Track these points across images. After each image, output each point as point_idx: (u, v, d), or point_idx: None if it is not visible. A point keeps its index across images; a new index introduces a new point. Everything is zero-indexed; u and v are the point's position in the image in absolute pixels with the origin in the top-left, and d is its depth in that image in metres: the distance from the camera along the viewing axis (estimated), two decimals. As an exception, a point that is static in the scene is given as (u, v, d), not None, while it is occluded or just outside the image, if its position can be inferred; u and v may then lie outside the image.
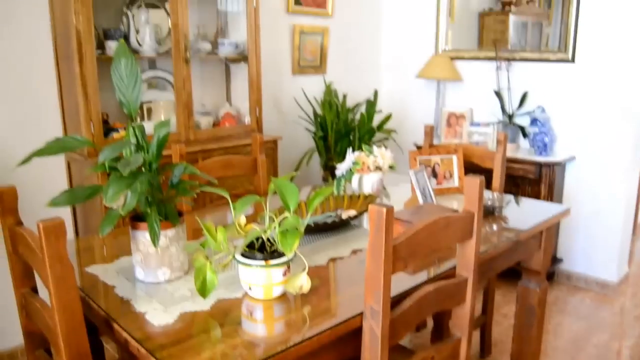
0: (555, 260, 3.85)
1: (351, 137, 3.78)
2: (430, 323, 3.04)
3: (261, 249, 1.48)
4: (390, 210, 1.28)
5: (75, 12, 2.54)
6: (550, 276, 3.83)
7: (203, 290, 1.38)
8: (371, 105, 3.90)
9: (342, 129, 3.77)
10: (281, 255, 1.45)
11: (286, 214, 1.48)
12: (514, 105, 3.97)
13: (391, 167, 2.56)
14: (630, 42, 3.43)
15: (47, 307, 1.35)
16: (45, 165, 2.79)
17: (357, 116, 3.93)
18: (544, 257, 2.31)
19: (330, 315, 1.41)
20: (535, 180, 3.61)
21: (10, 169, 2.58)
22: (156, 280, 1.56)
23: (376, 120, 3.97)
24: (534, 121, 3.79)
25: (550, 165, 3.57)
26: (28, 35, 2.75)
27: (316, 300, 1.49)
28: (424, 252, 1.48)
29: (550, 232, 2.31)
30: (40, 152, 1.42)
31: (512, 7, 4.02)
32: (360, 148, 2.59)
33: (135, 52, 2.94)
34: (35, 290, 1.57)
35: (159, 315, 1.38)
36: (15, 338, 2.83)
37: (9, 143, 2.70)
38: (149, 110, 3.12)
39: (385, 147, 2.69)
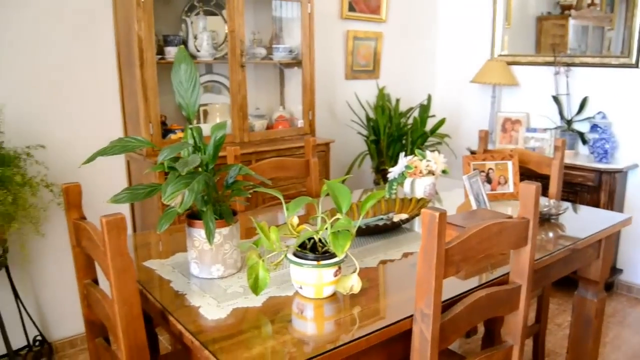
0: (614, 270, 3.71)
1: (404, 141, 3.77)
2: (481, 329, 2.98)
3: (313, 249, 1.50)
4: (443, 214, 1.28)
5: (138, 19, 2.65)
6: (609, 287, 3.70)
7: (255, 288, 1.41)
8: (424, 109, 3.87)
9: (394, 133, 3.76)
10: (332, 256, 1.47)
11: (338, 215, 1.50)
12: (573, 111, 3.85)
13: (444, 172, 2.53)
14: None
15: (107, 298, 1.41)
16: (107, 163, 2.91)
17: (410, 120, 3.91)
18: (602, 267, 2.23)
19: (379, 317, 1.41)
20: (594, 187, 3.49)
21: (75, 167, 2.71)
22: (210, 277, 1.60)
23: (429, 124, 3.93)
24: (594, 127, 3.67)
25: (611, 173, 3.45)
26: (94, 43, 2.88)
27: (366, 301, 1.49)
28: (476, 258, 1.46)
29: (609, 242, 2.24)
30: (103, 152, 1.49)
31: (572, 11, 3.90)
32: (412, 152, 2.58)
33: (193, 57, 3.03)
34: (96, 281, 1.64)
35: (213, 310, 1.42)
36: (75, 326, 2.97)
37: (75, 142, 2.84)
38: (205, 113, 3.21)
39: (439, 152, 2.67)
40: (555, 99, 3.89)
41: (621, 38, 3.63)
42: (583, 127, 3.79)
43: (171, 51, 2.91)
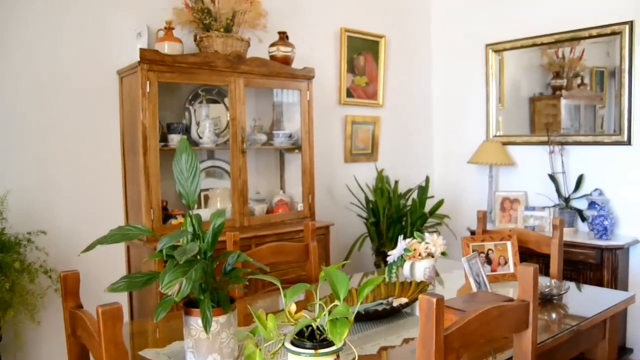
0: (624, 350, 3.61)
1: (403, 223, 3.78)
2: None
3: (311, 337, 1.48)
4: (440, 299, 1.27)
5: (143, 109, 2.75)
6: (621, 368, 3.59)
7: (252, 379, 1.38)
8: (423, 190, 3.92)
9: (394, 215, 3.78)
10: (331, 344, 1.44)
11: (336, 302, 1.49)
12: (570, 188, 3.89)
13: (443, 254, 2.53)
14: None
15: (102, 392, 1.38)
16: (107, 249, 2.90)
17: (409, 202, 3.95)
18: (610, 348, 2.19)
19: (380, 408, 1.37)
20: (596, 265, 3.47)
21: (76, 252, 2.71)
22: (207, 367, 1.57)
23: (428, 205, 3.96)
24: (591, 204, 3.70)
25: (612, 250, 3.44)
26: (99, 130, 2.99)
27: (366, 391, 1.46)
28: (477, 343, 1.44)
29: (615, 321, 2.21)
30: (103, 241, 1.51)
31: (563, 92, 4.04)
32: (412, 234, 2.59)
33: (195, 144, 3.11)
34: (90, 373, 1.61)
35: (209, 403, 1.38)
36: None
37: (76, 228, 2.87)
38: (206, 198, 3.25)
39: (438, 233, 2.67)
40: (552, 178, 3.95)
41: (613, 116, 3.74)
42: (581, 205, 3.82)
43: (174, 138, 3.00)
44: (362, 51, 4.21)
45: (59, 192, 2.85)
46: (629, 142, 3.64)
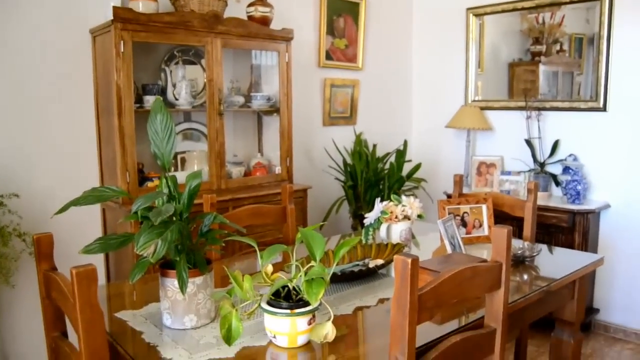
0: (591, 310, 3.73)
1: (381, 186, 3.81)
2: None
3: (287, 298, 1.50)
4: (415, 260, 1.29)
5: (117, 69, 2.69)
6: (587, 327, 3.71)
7: (228, 338, 1.39)
8: (400, 154, 3.93)
9: (371, 178, 3.79)
10: (306, 304, 1.46)
11: (312, 263, 1.50)
12: (546, 153, 3.94)
13: (420, 217, 2.56)
14: (662, 91, 3.42)
15: (76, 351, 1.38)
16: (82, 212, 2.88)
17: (387, 166, 3.96)
18: (578, 308, 2.26)
19: (354, 365, 1.40)
20: (568, 228, 3.55)
21: (49, 216, 2.68)
22: (183, 327, 1.58)
23: (406, 169, 3.98)
24: (566, 169, 3.76)
25: (584, 214, 3.51)
26: (72, 90, 2.91)
27: (342, 349, 1.48)
28: (450, 303, 1.47)
29: (583, 282, 2.27)
30: (76, 202, 1.49)
31: (542, 58, 4.05)
32: (389, 197, 2.60)
33: (171, 105, 3.06)
34: (65, 334, 1.61)
35: (185, 362, 1.39)
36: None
37: (50, 191, 2.82)
38: (183, 160, 3.22)
39: (415, 196, 2.70)
40: (528, 143, 3.99)
41: (589, 83, 3.76)
42: (556, 170, 3.88)
43: (149, 100, 2.94)
44: (342, 13, 4.15)
45: (32, 154, 2.79)
46: (604, 109, 3.68)
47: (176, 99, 3.08)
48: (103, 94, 2.88)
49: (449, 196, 4.01)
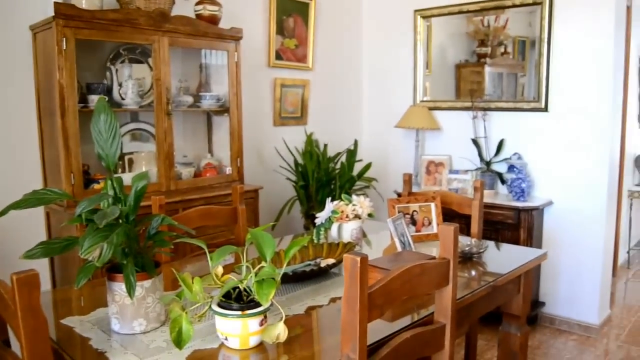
0: (537, 304, 3.86)
1: (332, 186, 3.83)
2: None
3: (238, 299, 1.49)
4: (364, 259, 1.30)
5: (59, 67, 2.60)
6: (533, 320, 3.84)
7: (179, 342, 1.37)
8: (351, 154, 3.97)
9: (323, 178, 3.81)
10: (258, 305, 1.45)
11: (263, 263, 1.49)
12: (491, 152, 4.05)
13: (370, 215, 2.59)
14: (596, 92, 3.57)
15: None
16: (25, 215, 2.77)
17: (338, 165, 3.99)
18: (524, 302, 2.33)
19: (307, 365, 1.40)
20: (514, 225, 3.66)
21: (-12, 222, 2.57)
22: (132, 332, 1.54)
23: (357, 169, 4.02)
24: (511, 168, 3.88)
25: (529, 211, 3.63)
26: (12, 89, 2.79)
27: (295, 349, 1.48)
28: (400, 300, 1.49)
29: (528, 277, 2.34)
30: (16, 205, 1.43)
31: (488, 59, 4.16)
32: (340, 197, 2.63)
33: (117, 105, 2.99)
34: (7, 343, 1.55)
35: (134, 368, 1.36)
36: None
37: (-11, 196, 2.70)
38: (130, 162, 3.14)
39: (366, 196, 2.72)
40: (475, 142, 4.09)
41: (532, 84, 3.89)
42: (501, 168, 3.99)
43: (94, 99, 2.86)
44: (291, 13, 4.15)
45: (-32, 155, 2.67)
46: (546, 109, 3.82)
47: (122, 99, 3.01)
48: (45, 94, 2.78)
49: (399, 195, 4.06)
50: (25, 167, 2.86)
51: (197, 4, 3.29)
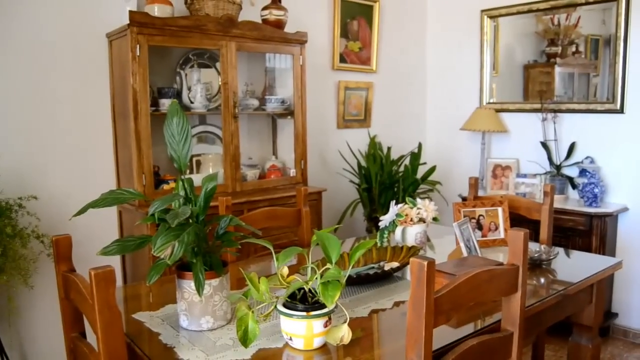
0: (610, 315, 3.69)
1: (395, 189, 3.80)
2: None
3: (303, 300, 1.50)
4: (431, 263, 1.28)
5: (133, 73, 2.71)
6: (605, 331, 3.67)
7: (245, 340, 1.40)
8: (415, 157, 3.92)
9: (386, 181, 3.79)
10: (322, 306, 1.46)
11: (328, 265, 1.50)
12: (562, 156, 3.91)
13: (435, 219, 2.55)
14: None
15: (95, 352, 1.40)
16: (99, 214, 2.90)
17: (402, 168, 3.95)
18: (596, 312, 2.23)
19: (371, 368, 1.40)
20: (585, 231, 3.51)
21: (67, 218, 2.71)
22: (199, 329, 1.59)
23: (421, 172, 3.97)
24: (582, 172, 3.73)
25: (601, 217, 3.47)
26: (89, 93, 2.94)
27: (358, 352, 1.48)
28: (466, 306, 1.46)
29: (601, 286, 2.24)
30: (94, 204, 1.50)
31: (558, 59, 4.02)
32: (404, 200, 2.60)
33: (186, 108, 3.08)
34: (83, 335, 1.62)
35: (201, 363, 1.40)
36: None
37: (68, 193, 2.85)
38: (198, 163, 3.24)
39: (430, 199, 2.69)
40: (544, 145, 3.96)
41: (606, 84, 3.73)
42: (572, 172, 3.84)
43: (165, 103, 2.96)
44: (355, 16, 4.15)
45: (49, 157, 2.83)
46: (621, 111, 3.64)
47: (191, 102, 3.10)
48: (119, 98, 2.91)
49: (464, 199, 3.99)
50: (101, 167, 3.00)
51: (263, 9, 3.35)
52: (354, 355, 1.46)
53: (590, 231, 3.50)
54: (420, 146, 4.03)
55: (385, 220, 2.44)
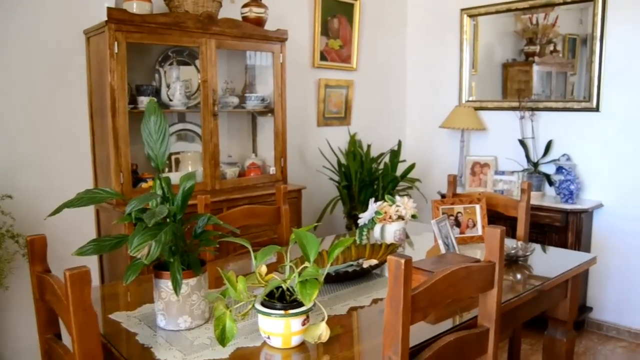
0: (584, 308, 3.75)
1: (375, 186, 3.81)
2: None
3: (281, 299, 1.50)
4: (408, 260, 1.29)
5: (111, 70, 2.68)
6: (580, 325, 3.73)
7: (222, 339, 1.40)
8: (395, 154, 3.94)
9: (366, 178, 3.80)
10: (300, 304, 1.47)
11: (306, 264, 1.50)
12: (539, 153, 3.96)
13: (414, 217, 2.57)
14: (654, 91, 3.44)
15: (70, 353, 1.38)
16: (76, 213, 2.87)
17: (381, 166, 3.97)
18: (571, 307, 2.27)
19: (348, 366, 1.41)
20: (562, 228, 3.56)
21: (42, 217, 2.68)
22: (177, 328, 1.58)
23: (400, 169, 4.00)
24: (559, 169, 3.78)
25: (577, 213, 3.53)
26: (66, 91, 2.90)
27: (336, 349, 1.49)
28: (443, 302, 1.48)
29: (576, 281, 2.28)
30: (70, 204, 1.49)
31: (536, 58, 4.06)
32: (383, 197, 2.61)
33: (165, 106, 3.06)
34: (59, 336, 1.61)
35: (179, 363, 1.40)
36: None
37: (43, 192, 2.81)
38: (177, 161, 3.21)
39: (409, 197, 2.70)
40: (522, 143, 4.00)
41: (583, 83, 3.78)
42: (549, 169, 3.89)
43: (143, 100, 2.94)
44: (336, 14, 4.16)
45: (25, 155, 2.79)
46: (597, 109, 3.70)
47: (170, 100, 3.08)
48: (97, 95, 2.88)
49: (442, 196, 4.02)
50: (77, 165, 2.97)
51: (243, 6, 3.33)
52: (332, 353, 1.47)
53: (566, 227, 3.55)
54: (399, 144, 4.06)
55: (364, 217, 2.45)
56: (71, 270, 1.24)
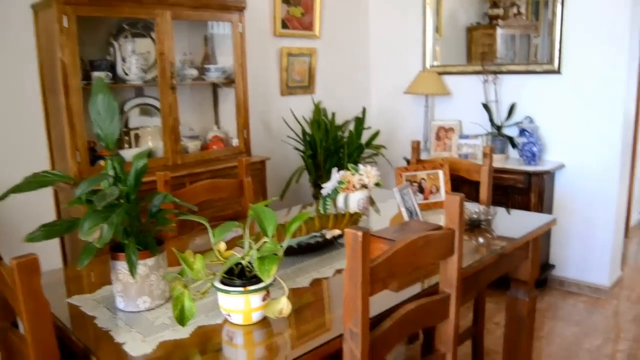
0: (547, 266, 3.86)
1: (340, 154, 3.80)
2: (422, 335, 3.03)
3: (241, 275, 1.49)
4: (366, 233, 1.28)
5: (61, 45, 2.58)
6: (543, 283, 3.84)
7: (181, 319, 1.38)
8: (359, 122, 3.93)
9: (331, 147, 3.79)
10: (260, 280, 1.46)
11: (265, 239, 1.49)
12: (503, 116, 3.99)
13: (377, 185, 2.57)
14: (611, 52, 3.47)
15: (25, 341, 1.35)
16: (34, 194, 2.79)
17: (346, 134, 3.96)
18: (532, 268, 2.31)
19: (310, 338, 1.41)
20: (525, 189, 3.62)
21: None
22: (136, 309, 1.56)
23: (365, 136, 3.99)
24: (522, 132, 3.82)
25: (539, 174, 3.58)
26: (15, 69, 2.78)
27: (297, 323, 1.49)
28: (404, 272, 1.48)
29: (537, 242, 2.32)
30: (17, 189, 1.44)
31: (500, 21, 4.05)
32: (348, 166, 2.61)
33: (122, 81, 2.97)
34: (15, 324, 1.57)
35: (138, 345, 1.38)
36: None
37: (-2, 176, 2.73)
38: (137, 137, 3.14)
39: (375, 163, 2.70)
40: (485, 106, 4.02)
41: (545, 46, 3.79)
42: (512, 132, 3.93)
43: (98, 76, 2.84)
44: (295, -21, 4.06)
45: (-25, 136, 2.69)
46: (559, 71, 3.73)
47: (126, 74, 2.99)
48: (48, 72, 2.78)
49: (408, 162, 4.03)
50: (32, 145, 2.88)
51: (197, -26, 3.22)
52: (293, 327, 1.47)
53: (529, 189, 3.61)
54: (364, 111, 4.04)
55: (327, 188, 2.44)
56: (18, 258, 1.20)
